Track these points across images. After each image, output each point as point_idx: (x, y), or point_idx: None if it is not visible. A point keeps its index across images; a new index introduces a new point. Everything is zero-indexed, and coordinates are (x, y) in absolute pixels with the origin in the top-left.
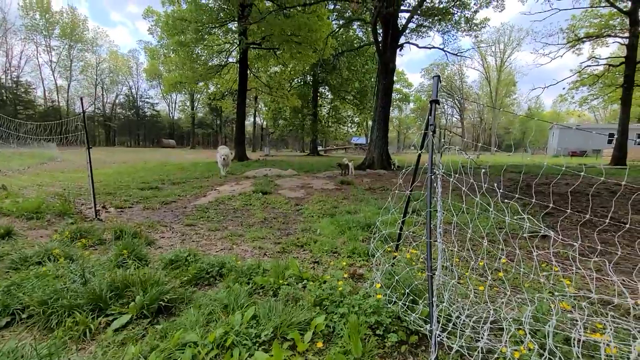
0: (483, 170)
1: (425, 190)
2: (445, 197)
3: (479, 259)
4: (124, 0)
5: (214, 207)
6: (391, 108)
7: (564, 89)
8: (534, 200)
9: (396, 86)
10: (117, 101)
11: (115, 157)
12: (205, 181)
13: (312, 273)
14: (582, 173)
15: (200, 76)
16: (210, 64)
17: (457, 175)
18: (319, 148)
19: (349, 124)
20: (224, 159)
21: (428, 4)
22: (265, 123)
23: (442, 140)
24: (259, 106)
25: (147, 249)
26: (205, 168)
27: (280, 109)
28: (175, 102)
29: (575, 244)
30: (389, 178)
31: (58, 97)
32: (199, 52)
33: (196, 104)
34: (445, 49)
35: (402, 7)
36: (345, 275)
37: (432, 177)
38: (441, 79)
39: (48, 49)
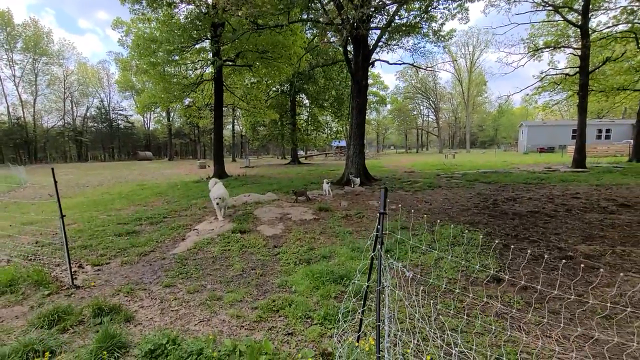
0: (409, 274)
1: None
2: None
3: (433, 317)
4: (92, 7)
5: (193, 257)
6: (368, 110)
7: (527, 94)
8: (497, 241)
9: (372, 89)
10: (88, 114)
11: (88, 177)
12: (184, 216)
13: (286, 351)
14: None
15: (174, 96)
16: (184, 83)
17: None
18: (300, 153)
19: (328, 130)
20: (217, 203)
21: (397, 22)
22: (244, 130)
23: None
24: (237, 114)
25: (127, 327)
26: (184, 192)
27: (258, 121)
28: (151, 113)
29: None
30: (366, 199)
31: (24, 113)
32: (172, 72)
33: (172, 114)
34: (414, 64)
35: (372, 25)
36: (314, 356)
37: (380, 289)
38: (415, 80)
39: (10, 63)
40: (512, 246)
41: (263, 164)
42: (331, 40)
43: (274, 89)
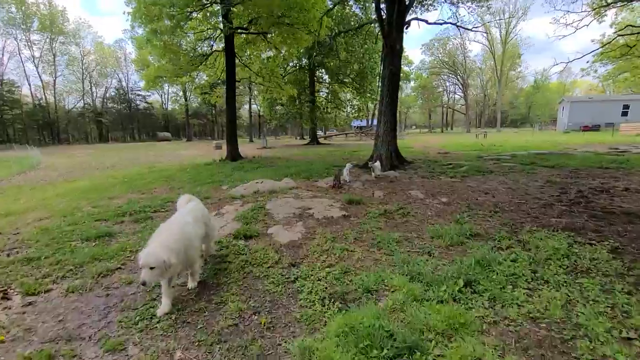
0: None
1: None
2: None
3: None
4: None
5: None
6: None
7: (587, 62)
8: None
9: None
10: (107, 95)
11: (104, 158)
12: None
13: None
14: None
15: (181, 69)
16: (192, 54)
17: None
18: (319, 133)
19: (349, 108)
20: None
21: None
22: (261, 110)
23: None
24: (254, 93)
25: None
26: (192, 176)
27: (275, 99)
28: (168, 93)
29: None
30: (405, 188)
31: (45, 94)
32: (177, 41)
33: (189, 94)
34: (458, 24)
35: None
36: None
37: None
38: (443, 53)
39: (29, 43)
40: None
41: (281, 144)
42: None
43: (292, 63)
